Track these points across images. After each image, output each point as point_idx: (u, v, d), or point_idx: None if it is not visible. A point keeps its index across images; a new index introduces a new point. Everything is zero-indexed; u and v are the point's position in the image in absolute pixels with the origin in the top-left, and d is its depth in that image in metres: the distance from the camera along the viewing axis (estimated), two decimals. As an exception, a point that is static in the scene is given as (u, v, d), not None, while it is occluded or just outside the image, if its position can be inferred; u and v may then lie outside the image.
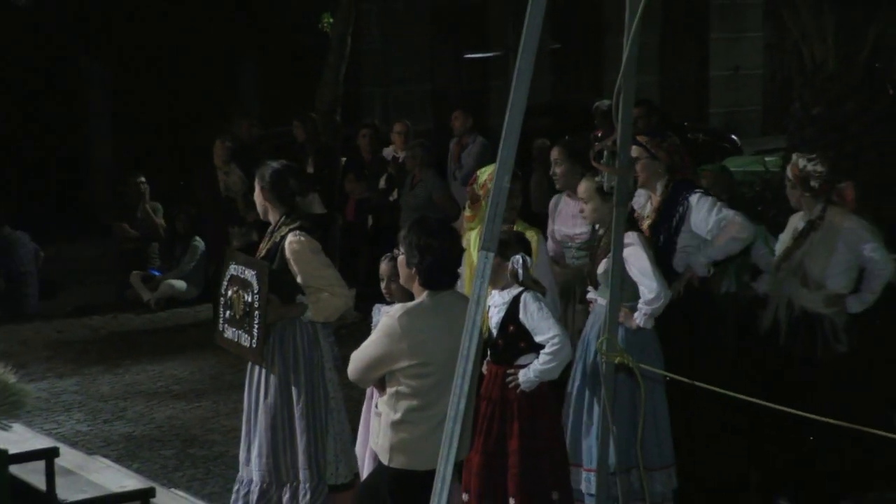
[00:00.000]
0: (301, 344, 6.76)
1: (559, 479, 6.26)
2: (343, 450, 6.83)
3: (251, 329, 6.68)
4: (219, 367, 10.92)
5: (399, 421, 5.63)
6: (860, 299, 7.11)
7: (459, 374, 4.60)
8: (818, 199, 7.17)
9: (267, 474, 6.78)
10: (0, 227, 13.48)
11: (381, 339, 5.60)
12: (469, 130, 13.24)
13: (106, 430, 9.47)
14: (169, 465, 8.64)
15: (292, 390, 6.73)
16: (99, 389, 10.63)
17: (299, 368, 6.74)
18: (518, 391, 6.19)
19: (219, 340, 7.08)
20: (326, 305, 6.69)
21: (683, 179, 7.10)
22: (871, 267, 7.06)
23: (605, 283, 6.78)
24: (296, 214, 6.92)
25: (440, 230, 5.68)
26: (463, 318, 5.49)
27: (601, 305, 6.79)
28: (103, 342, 12.36)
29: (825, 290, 7.12)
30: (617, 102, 5.49)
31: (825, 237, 7.10)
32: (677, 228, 6.97)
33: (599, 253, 6.80)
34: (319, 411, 6.74)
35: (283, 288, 6.72)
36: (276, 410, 6.74)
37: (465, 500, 6.26)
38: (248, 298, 6.68)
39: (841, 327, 7.11)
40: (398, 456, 5.66)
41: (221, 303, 6.96)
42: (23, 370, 9.30)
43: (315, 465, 6.69)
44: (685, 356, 6.81)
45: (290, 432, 6.72)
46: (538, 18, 4.47)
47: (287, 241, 6.72)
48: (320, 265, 6.72)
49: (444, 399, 5.47)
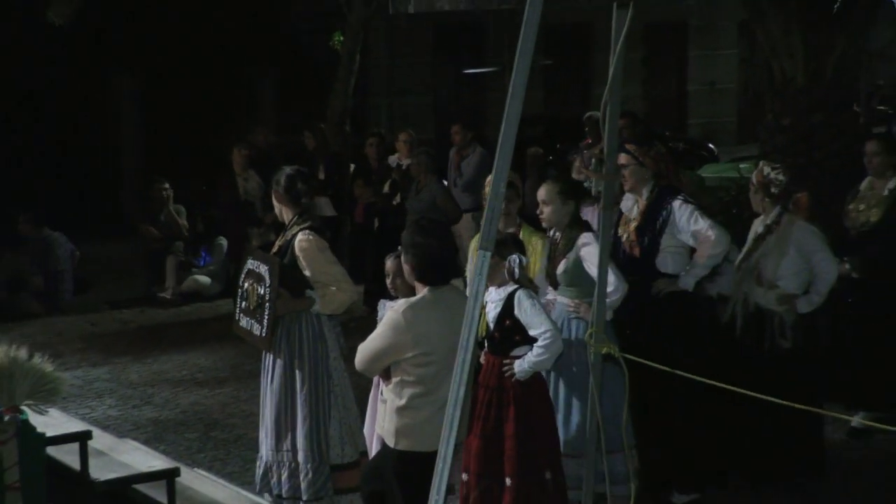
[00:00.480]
0: (307, 335, 6.77)
1: (552, 460, 6.24)
2: (348, 432, 6.82)
3: (262, 319, 6.70)
4: (238, 356, 10.90)
5: (404, 407, 5.64)
6: (809, 300, 7.16)
7: (459, 363, 4.59)
8: (776, 205, 7.20)
9: (270, 454, 6.80)
10: (40, 229, 13.47)
11: (387, 332, 5.62)
12: (468, 142, 13.23)
13: (135, 415, 9.46)
14: (193, 447, 8.63)
15: (296, 378, 6.73)
16: (128, 377, 10.62)
17: (304, 358, 6.74)
18: (513, 380, 6.17)
19: (235, 328, 7.12)
20: (333, 299, 6.71)
21: (668, 185, 7.10)
22: (818, 271, 7.12)
23: (565, 283, 6.79)
24: (307, 215, 6.93)
25: (436, 231, 5.73)
26: (461, 311, 5.50)
27: (561, 304, 6.79)
28: (132, 334, 12.35)
29: (778, 289, 7.14)
30: (604, 114, 5.49)
31: (779, 241, 7.15)
32: (661, 230, 6.96)
33: (557, 255, 6.79)
34: (322, 398, 6.74)
35: (293, 283, 6.72)
36: (280, 396, 6.76)
37: (465, 479, 6.25)
38: (261, 291, 6.70)
39: (788, 325, 7.14)
40: (403, 439, 5.66)
41: (238, 294, 7.00)
42: (59, 360, 9.26)
43: (317, 448, 6.70)
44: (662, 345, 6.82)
45: (293, 417, 6.73)
46: (531, 37, 4.46)
47: (297, 240, 6.74)
48: (327, 262, 6.74)
49: (444, 386, 5.49)
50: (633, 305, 6.92)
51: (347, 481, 6.78)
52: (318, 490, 6.69)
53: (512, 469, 6.13)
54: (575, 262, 6.69)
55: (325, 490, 6.72)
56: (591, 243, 6.61)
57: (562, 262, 6.74)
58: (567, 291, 6.78)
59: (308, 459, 6.68)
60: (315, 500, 6.71)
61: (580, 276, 6.67)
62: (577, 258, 6.68)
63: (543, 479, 6.15)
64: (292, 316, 6.75)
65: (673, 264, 7.00)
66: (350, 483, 6.77)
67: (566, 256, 6.73)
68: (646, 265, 6.98)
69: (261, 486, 6.88)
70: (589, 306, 6.63)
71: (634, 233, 7.03)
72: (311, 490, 6.68)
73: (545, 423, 6.26)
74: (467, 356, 4.59)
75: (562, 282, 6.76)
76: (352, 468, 6.80)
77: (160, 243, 14.21)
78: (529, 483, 6.13)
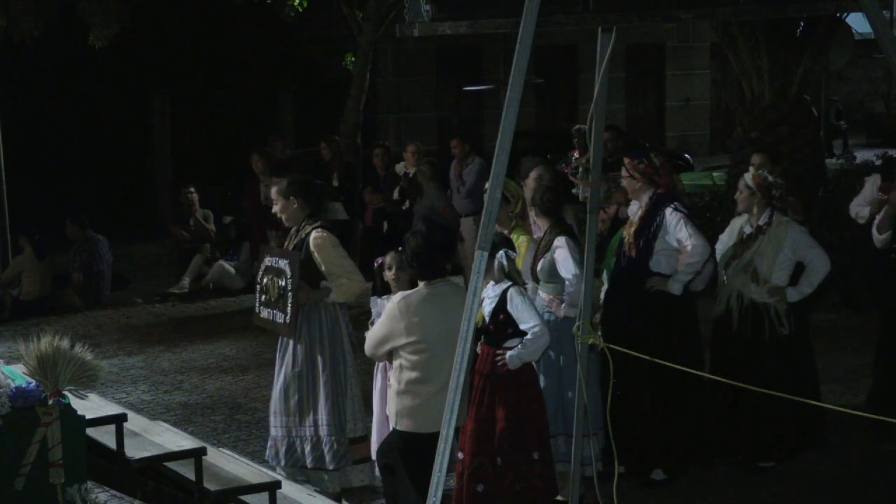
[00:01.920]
0: (325, 321, 6.79)
1: (539, 441, 6.22)
2: (360, 408, 6.90)
3: (285, 308, 6.71)
4: (260, 346, 10.88)
5: (402, 391, 5.66)
6: (799, 290, 7.13)
7: (459, 353, 4.58)
8: (769, 207, 7.15)
9: (290, 430, 6.82)
10: (84, 231, 13.46)
11: (385, 321, 5.71)
12: (467, 153, 13.22)
13: (166, 399, 9.45)
14: (218, 429, 8.62)
15: (318, 360, 6.76)
16: (160, 365, 10.59)
17: (324, 342, 6.77)
18: (505, 369, 6.16)
19: (255, 320, 7.13)
20: (347, 289, 6.76)
21: (664, 193, 7.07)
22: (813, 266, 7.08)
23: (543, 280, 6.77)
24: (318, 216, 6.94)
25: (433, 231, 5.76)
26: (454, 304, 5.59)
27: (540, 298, 6.77)
28: (164, 326, 12.32)
29: (769, 283, 7.12)
30: (590, 127, 5.47)
31: (773, 240, 7.10)
32: (655, 234, 6.96)
33: (539, 253, 6.78)
34: (340, 378, 6.79)
35: (310, 275, 6.74)
36: (303, 378, 6.78)
37: (461, 457, 6.24)
38: (283, 283, 6.71)
39: (783, 314, 7.12)
40: (403, 420, 5.68)
41: (258, 289, 7.00)
42: (97, 349, 9.28)
43: (338, 422, 6.76)
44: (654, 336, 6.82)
45: (314, 396, 6.76)
46: (524, 58, 4.46)
47: (311, 237, 6.76)
48: (340, 256, 6.78)
49: (439, 372, 5.52)
50: (626, 300, 6.94)
51: (361, 452, 6.88)
52: (340, 459, 6.78)
53: (502, 449, 6.12)
54: (551, 261, 6.68)
55: (346, 459, 6.82)
56: (563, 247, 6.62)
57: (541, 260, 6.74)
58: (546, 287, 6.77)
59: (331, 433, 6.75)
60: (337, 469, 6.80)
61: (557, 274, 6.68)
62: (553, 259, 6.67)
63: (531, 459, 6.14)
64: (311, 305, 6.77)
65: (666, 265, 6.99)
66: (363, 454, 6.89)
67: (544, 256, 6.73)
68: (640, 265, 6.98)
69: (285, 461, 6.88)
70: (559, 303, 6.64)
71: (633, 235, 7.04)
72: (335, 460, 6.77)
73: (534, 408, 6.24)
74: (466, 347, 4.58)
75: (541, 278, 6.77)
76: (364, 440, 6.89)
77: (190, 244, 14.20)
78: (518, 462, 6.13)
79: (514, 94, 4.45)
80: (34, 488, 5.05)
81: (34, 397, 5.14)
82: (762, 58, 12.63)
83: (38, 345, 5.22)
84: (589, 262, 5.73)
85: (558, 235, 6.68)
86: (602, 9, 4.93)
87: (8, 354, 10.01)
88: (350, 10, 13.89)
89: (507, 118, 4.45)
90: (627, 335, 6.59)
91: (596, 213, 5.89)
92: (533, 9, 4.41)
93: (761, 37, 12.49)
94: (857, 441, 7.62)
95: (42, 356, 5.19)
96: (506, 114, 4.45)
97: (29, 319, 12.36)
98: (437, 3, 4.69)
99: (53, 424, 5.10)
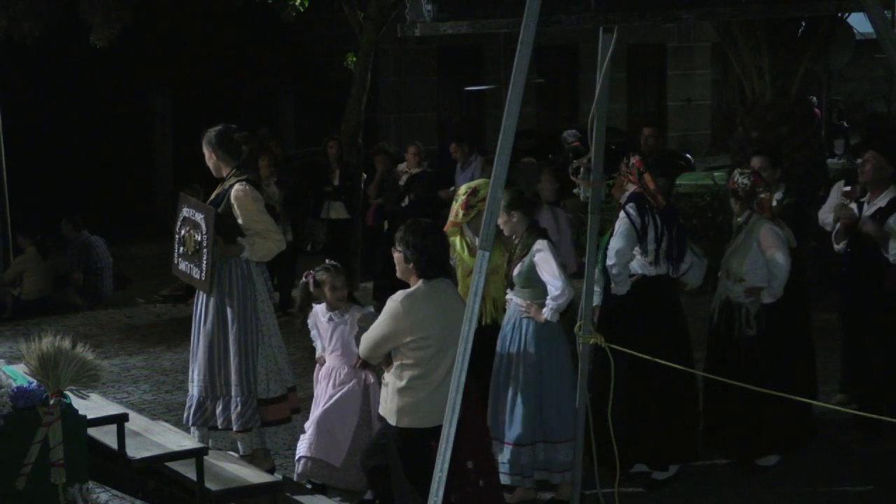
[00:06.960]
0: (236, 278, 6.71)
1: (476, 449, 6.07)
2: (275, 369, 6.77)
3: (201, 264, 6.68)
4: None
5: (404, 388, 5.65)
6: (770, 292, 7.13)
7: (460, 352, 4.58)
8: (746, 207, 7.19)
9: (203, 390, 6.75)
10: (79, 232, 13.46)
11: (388, 321, 5.65)
12: (468, 154, 13.23)
13: (167, 399, 9.44)
14: (220, 428, 8.59)
15: (228, 318, 6.68)
16: (161, 365, 10.59)
17: (234, 298, 6.69)
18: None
19: (174, 271, 7.09)
20: (261, 247, 6.70)
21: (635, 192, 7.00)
22: (771, 268, 7.08)
23: (519, 285, 6.72)
24: (244, 170, 6.87)
25: (430, 231, 5.74)
26: (453, 301, 5.62)
27: (515, 303, 6.72)
28: (165, 326, 12.32)
29: (745, 283, 7.14)
30: (591, 127, 5.47)
31: (746, 238, 7.15)
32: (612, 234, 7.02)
33: (514, 258, 6.74)
34: (251, 336, 6.69)
35: (226, 230, 6.67)
36: (212, 335, 6.71)
37: None
38: (199, 238, 6.67)
39: (753, 314, 7.13)
40: (404, 417, 5.67)
41: (176, 240, 6.93)
42: (99, 349, 9.27)
43: (245, 382, 6.65)
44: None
45: (224, 354, 6.69)
46: (526, 58, 4.45)
47: (233, 189, 6.70)
48: (259, 212, 6.71)
49: (440, 367, 5.55)
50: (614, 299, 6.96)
51: (274, 414, 6.75)
52: (247, 421, 6.66)
53: None
54: (529, 265, 6.60)
55: (254, 421, 6.68)
56: (544, 250, 6.57)
57: (517, 265, 6.69)
58: (522, 293, 6.70)
59: (238, 393, 6.65)
60: (244, 431, 6.69)
61: (534, 279, 6.63)
62: (532, 263, 6.62)
63: (465, 469, 5.99)
64: (223, 261, 6.70)
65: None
66: (277, 416, 6.76)
67: (521, 260, 6.67)
68: None
69: (193, 420, 6.79)
70: (539, 308, 6.60)
71: None
72: (240, 421, 6.65)
73: (470, 417, 5.94)
74: (468, 346, 4.58)
75: (517, 283, 6.71)
76: (279, 402, 6.76)
77: (190, 244, 14.21)
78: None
79: (516, 95, 4.44)
80: (35, 488, 5.06)
81: (36, 397, 5.14)
82: (763, 57, 12.63)
83: (39, 345, 5.23)
84: (590, 262, 5.73)
85: (537, 239, 6.65)
86: (603, 8, 4.93)
87: (9, 354, 10.02)
88: (351, 9, 13.85)
89: (509, 118, 4.45)
90: (619, 334, 6.61)
91: (597, 213, 5.89)
92: (534, 9, 4.42)
93: (762, 36, 12.49)
94: (857, 441, 7.64)
95: (43, 356, 5.20)
96: (507, 114, 4.45)
97: (30, 319, 12.36)
98: (438, 2, 4.69)
99: (55, 424, 5.10)
